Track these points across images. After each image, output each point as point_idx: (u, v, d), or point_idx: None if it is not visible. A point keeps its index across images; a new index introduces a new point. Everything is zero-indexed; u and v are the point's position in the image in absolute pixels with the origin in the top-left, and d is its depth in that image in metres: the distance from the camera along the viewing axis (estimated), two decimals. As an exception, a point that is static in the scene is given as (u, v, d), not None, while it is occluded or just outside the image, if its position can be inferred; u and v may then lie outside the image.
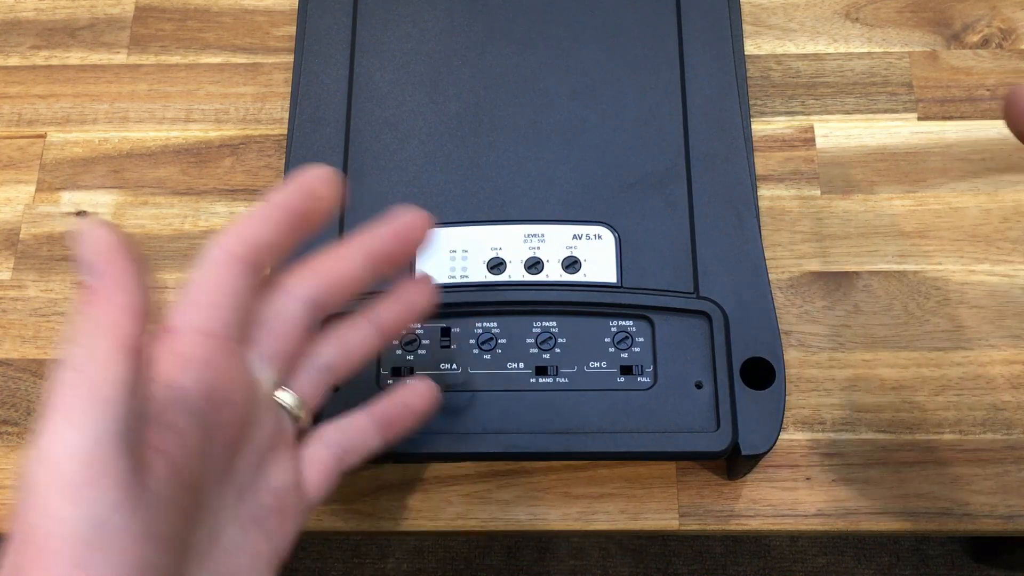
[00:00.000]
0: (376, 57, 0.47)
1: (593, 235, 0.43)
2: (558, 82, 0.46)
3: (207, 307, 0.29)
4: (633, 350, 0.40)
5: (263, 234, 0.30)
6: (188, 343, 0.28)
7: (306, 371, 0.33)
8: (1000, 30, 0.51)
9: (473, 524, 0.43)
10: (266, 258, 0.30)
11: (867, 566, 0.98)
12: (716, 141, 0.44)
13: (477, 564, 0.99)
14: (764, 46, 0.51)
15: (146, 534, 0.24)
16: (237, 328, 0.30)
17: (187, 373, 0.28)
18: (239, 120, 0.51)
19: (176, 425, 0.27)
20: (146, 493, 0.25)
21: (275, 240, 0.30)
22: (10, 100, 0.52)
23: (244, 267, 0.29)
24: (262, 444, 0.31)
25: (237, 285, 0.29)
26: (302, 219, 0.31)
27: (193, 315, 0.29)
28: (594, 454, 0.39)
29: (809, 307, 0.46)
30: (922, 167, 0.48)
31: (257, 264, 0.30)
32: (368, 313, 0.34)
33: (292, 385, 0.32)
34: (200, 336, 0.29)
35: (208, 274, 0.29)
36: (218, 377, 0.29)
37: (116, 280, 0.26)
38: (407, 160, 0.44)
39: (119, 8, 0.53)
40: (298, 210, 0.30)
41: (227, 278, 0.29)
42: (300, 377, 0.33)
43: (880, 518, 0.42)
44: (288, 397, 0.32)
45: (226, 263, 0.29)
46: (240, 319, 0.30)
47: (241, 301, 0.29)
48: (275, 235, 0.30)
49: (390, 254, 0.33)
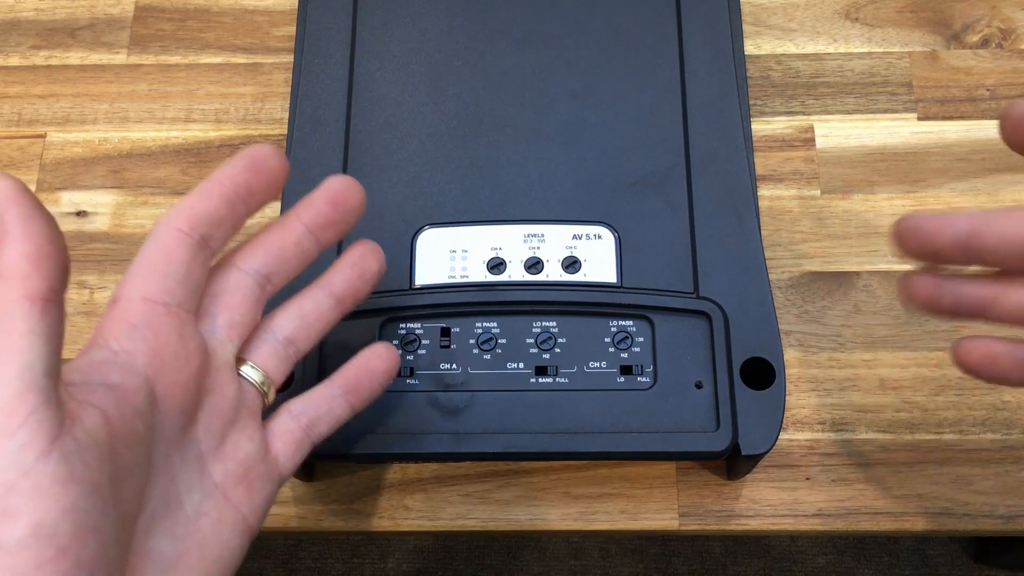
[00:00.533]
0: (376, 57, 0.47)
1: (593, 235, 0.43)
2: (558, 82, 0.46)
3: (151, 276, 0.29)
4: (633, 350, 0.40)
5: (207, 208, 0.30)
6: (134, 310, 0.29)
7: (267, 344, 0.33)
8: (1000, 30, 0.51)
9: (473, 524, 0.43)
10: (212, 232, 0.31)
11: (867, 566, 0.98)
12: (716, 141, 0.44)
13: (477, 564, 0.99)
14: (764, 46, 0.51)
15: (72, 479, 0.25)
16: (185, 298, 0.30)
17: (132, 338, 0.29)
18: (239, 120, 0.51)
19: (118, 385, 0.27)
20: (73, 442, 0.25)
21: (220, 214, 0.31)
22: (10, 100, 0.52)
23: (190, 240, 0.30)
24: (224, 413, 0.31)
25: (184, 256, 0.30)
26: (246, 194, 0.31)
27: (138, 284, 0.29)
28: (594, 454, 0.39)
29: (809, 307, 0.46)
30: (922, 167, 0.48)
31: (203, 237, 0.30)
32: (321, 282, 0.35)
33: (254, 358, 0.33)
34: (145, 303, 0.29)
35: (154, 246, 0.30)
36: (165, 343, 0.29)
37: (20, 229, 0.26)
38: (407, 160, 0.44)
39: (119, 8, 0.54)
40: (241, 185, 0.31)
41: (173, 250, 0.30)
42: (261, 349, 0.33)
43: (880, 518, 0.42)
44: (250, 370, 0.33)
45: (172, 235, 0.30)
46: (188, 290, 0.30)
47: (188, 272, 0.30)
48: (219, 210, 0.31)
49: (328, 221, 0.33)
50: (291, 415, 0.34)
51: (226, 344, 0.32)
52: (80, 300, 0.47)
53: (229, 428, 0.31)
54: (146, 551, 0.28)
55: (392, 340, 0.41)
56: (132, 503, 0.27)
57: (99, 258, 0.48)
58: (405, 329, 0.41)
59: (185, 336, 0.30)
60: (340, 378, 0.35)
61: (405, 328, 0.41)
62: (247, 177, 0.31)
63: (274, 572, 0.99)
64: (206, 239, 0.30)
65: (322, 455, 0.39)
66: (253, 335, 0.33)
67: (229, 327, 0.32)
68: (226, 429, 0.31)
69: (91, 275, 0.47)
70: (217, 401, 0.31)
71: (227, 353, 0.32)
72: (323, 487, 0.44)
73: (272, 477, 0.32)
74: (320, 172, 0.44)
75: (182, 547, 0.29)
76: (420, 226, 0.43)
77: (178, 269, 0.30)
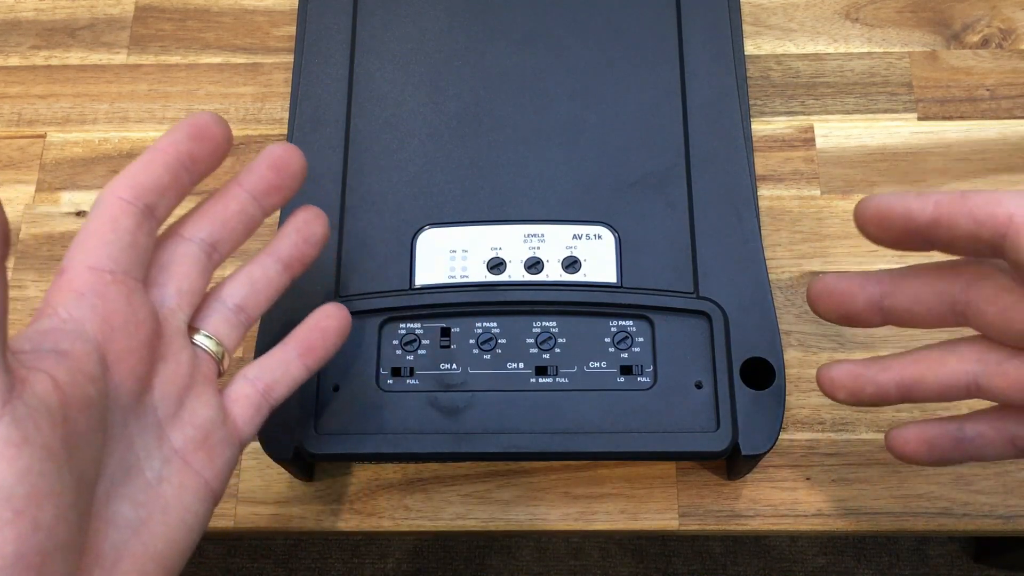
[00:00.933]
0: (376, 57, 0.47)
1: (593, 235, 0.43)
2: (558, 82, 0.46)
3: (96, 245, 0.30)
4: (633, 350, 0.40)
5: (150, 177, 0.31)
6: (81, 279, 0.29)
7: (217, 312, 0.34)
8: (1000, 30, 0.51)
9: (473, 524, 0.43)
10: (156, 200, 0.31)
11: (867, 566, 0.98)
12: (716, 141, 0.44)
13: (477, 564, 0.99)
14: (764, 46, 0.51)
15: (26, 442, 0.25)
16: (132, 266, 0.30)
17: (80, 305, 0.29)
18: (239, 120, 0.51)
19: (68, 352, 0.28)
20: (24, 407, 0.25)
21: (162, 183, 0.31)
22: (10, 100, 0.52)
23: (133, 209, 0.30)
24: (179, 379, 0.31)
25: (128, 225, 0.30)
26: (189, 162, 0.31)
27: (83, 254, 0.30)
28: (594, 454, 0.39)
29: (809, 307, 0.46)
30: (922, 167, 0.48)
31: (148, 207, 0.30)
32: (268, 249, 0.35)
33: (206, 326, 0.33)
34: (92, 272, 0.29)
35: (99, 216, 0.30)
36: (114, 310, 0.29)
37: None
38: (407, 160, 0.44)
39: (119, 8, 0.54)
40: (184, 153, 0.31)
41: (118, 219, 0.30)
42: (212, 318, 0.34)
43: (880, 518, 0.42)
44: (203, 338, 0.33)
45: (116, 204, 0.30)
46: (135, 257, 0.30)
47: (134, 240, 0.30)
48: (163, 178, 0.31)
49: (271, 186, 0.34)
50: (247, 380, 0.34)
51: (176, 312, 0.32)
52: (80, 300, 0.47)
53: (185, 394, 0.32)
54: (108, 516, 0.28)
55: (392, 340, 0.41)
56: (89, 468, 0.28)
57: (99, 258, 0.48)
58: (405, 329, 0.41)
59: (134, 303, 0.30)
60: (294, 340, 0.36)
61: (405, 328, 0.41)
62: (189, 145, 0.31)
63: (274, 572, 1.00)
64: (151, 208, 0.31)
65: (322, 455, 0.39)
66: (204, 304, 0.34)
67: (178, 295, 0.32)
68: (182, 395, 0.31)
69: (91, 275, 0.47)
70: (171, 368, 0.31)
71: (178, 321, 0.32)
72: (323, 487, 0.44)
73: (232, 441, 0.33)
74: (320, 172, 0.44)
75: (144, 512, 0.29)
76: (420, 226, 0.43)
77: (123, 237, 0.30)
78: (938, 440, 0.34)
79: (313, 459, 0.40)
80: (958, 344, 0.33)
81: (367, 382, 0.40)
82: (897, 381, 0.33)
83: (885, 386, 0.33)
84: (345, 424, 0.39)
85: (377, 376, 0.40)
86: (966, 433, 0.33)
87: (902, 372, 0.33)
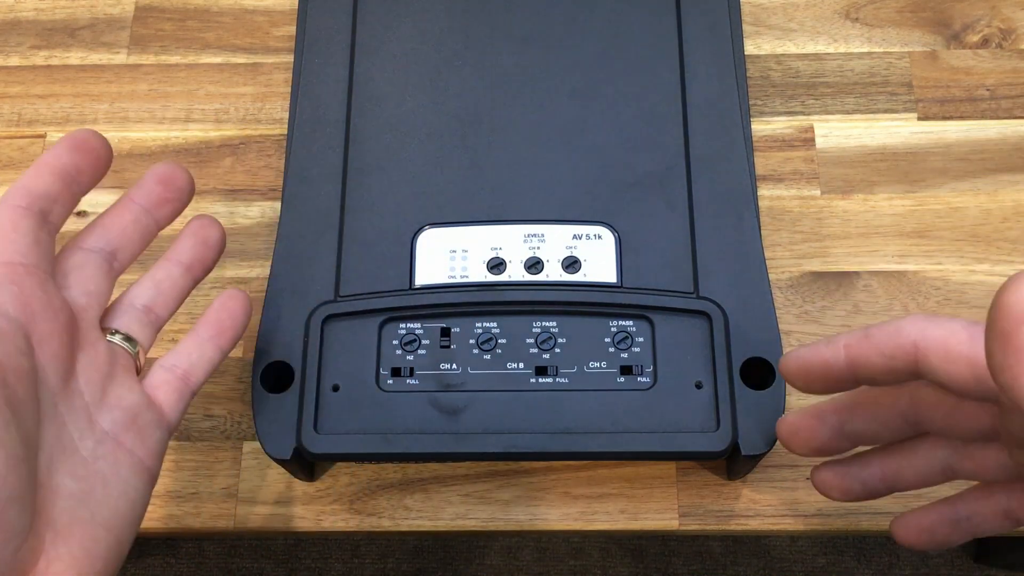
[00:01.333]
0: (376, 57, 0.47)
1: (593, 235, 0.43)
2: (558, 82, 0.46)
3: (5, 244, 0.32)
4: (633, 350, 0.40)
5: (40, 185, 0.33)
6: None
7: (127, 313, 0.36)
8: (1000, 30, 0.51)
9: (473, 524, 0.43)
10: (49, 207, 0.33)
11: (867, 566, 0.98)
12: (716, 141, 0.44)
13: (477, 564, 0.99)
14: (764, 46, 0.51)
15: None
16: (40, 259, 0.32)
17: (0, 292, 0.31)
18: (239, 120, 0.51)
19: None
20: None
21: (54, 191, 0.33)
22: (10, 100, 0.52)
23: (30, 213, 0.32)
24: (100, 367, 0.33)
25: (29, 226, 0.32)
26: (75, 173, 0.34)
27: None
28: (594, 454, 0.39)
29: (809, 307, 0.46)
30: (922, 167, 0.48)
31: (42, 212, 0.33)
32: (169, 255, 0.38)
33: (117, 325, 0.35)
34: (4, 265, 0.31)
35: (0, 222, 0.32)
36: (32, 295, 0.31)
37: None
38: (407, 160, 0.44)
39: (119, 8, 0.54)
40: (69, 165, 0.34)
41: (17, 221, 0.32)
42: (122, 318, 0.36)
43: (880, 518, 0.42)
44: (117, 336, 0.35)
45: (14, 211, 0.32)
46: (41, 253, 0.32)
47: (37, 239, 0.32)
48: (52, 186, 0.33)
49: (161, 199, 0.37)
50: (164, 368, 0.36)
51: (88, 309, 0.34)
52: (80, 300, 0.47)
53: (107, 382, 0.33)
54: (53, 486, 0.30)
55: (392, 340, 0.41)
56: (32, 434, 0.29)
57: (99, 258, 0.48)
58: (405, 329, 0.41)
59: (49, 292, 0.32)
60: (203, 325, 0.37)
61: (405, 328, 0.41)
62: (73, 158, 0.34)
63: (274, 572, 1.00)
64: (45, 213, 0.33)
65: (322, 455, 0.39)
66: (114, 308, 0.36)
67: (87, 296, 0.34)
68: (105, 383, 0.33)
69: (91, 275, 0.47)
70: (91, 357, 0.33)
71: (91, 316, 0.34)
72: (323, 487, 0.44)
73: (161, 424, 0.34)
74: (320, 172, 0.44)
75: (86, 485, 0.31)
76: (420, 226, 0.43)
77: (27, 235, 0.32)
78: (937, 527, 0.35)
79: (313, 459, 0.40)
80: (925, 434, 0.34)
81: (367, 382, 0.40)
82: (880, 476, 0.35)
83: (870, 482, 0.35)
84: (345, 424, 0.39)
85: (377, 376, 0.40)
86: (960, 514, 0.34)
87: (882, 467, 0.35)
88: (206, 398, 0.45)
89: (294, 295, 0.42)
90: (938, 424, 0.32)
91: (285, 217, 0.44)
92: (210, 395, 0.45)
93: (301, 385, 0.40)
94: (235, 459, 0.44)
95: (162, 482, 0.43)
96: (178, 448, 0.44)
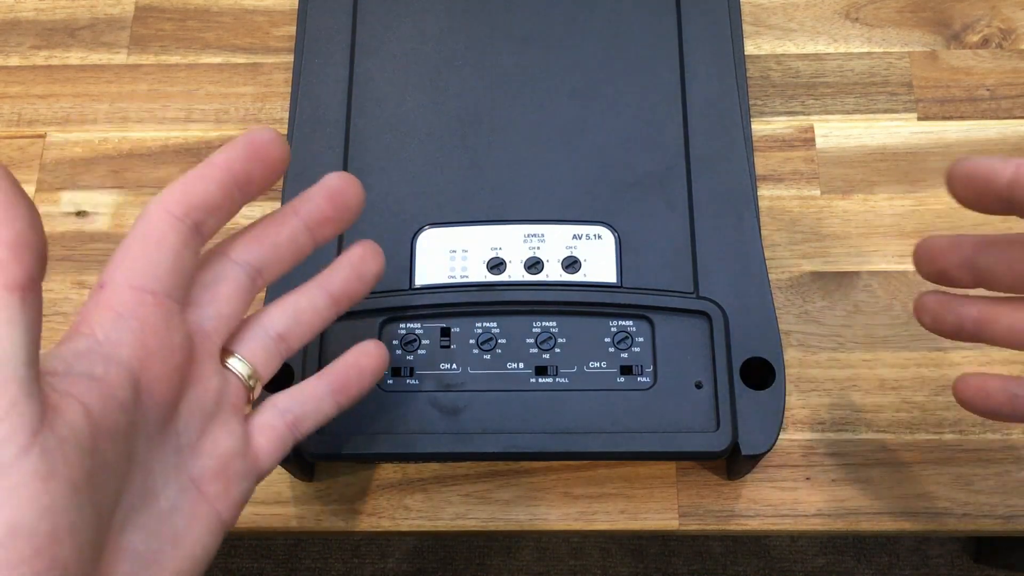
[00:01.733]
0: (376, 57, 0.47)
1: (593, 235, 0.43)
2: (558, 82, 0.46)
3: (143, 263, 0.28)
4: (633, 350, 0.40)
5: (202, 194, 0.29)
6: (121, 298, 0.28)
7: (256, 338, 0.33)
8: (1000, 30, 0.51)
9: (473, 524, 0.43)
10: (205, 218, 0.30)
11: (867, 566, 0.98)
12: (716, 141, 0.44)
13: (477, 564, 0.99)
14: (764, 46, 0.51)
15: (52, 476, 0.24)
16: (174, 287, 0.29)
17: (118, 328, 0.28)
18: (239, 120, 0.51)
19: (102, 377, 0.27)
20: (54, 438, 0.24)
21: (215, 201, 0.29)
22: (10, 100, 0.52)
23: (182, 226, 0.29)
24: (206, 406, 0.30)
25: (175, 243, 0.29)
26: (244, 181, 0.30)
27: (128, 271, 0.28)
28: (594, 454, 0.39)
29: (809, 307, 0.46)
30: (922, 167, 0.48)
31: (196, 224, 0.29)
32: (319, 280, 0.34)
33: (242, 351, 0.32)
34: (134, 291, 0.28)
35: (145, 230, 0.29)
36: (152, 334, 0.28)
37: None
38: (407, 160, 0.44)
39: (119, 8, 0.54)
40: (240, 172, 0.30)
41: (165, 235, 0.29)
42: (250, 344, 0.32)
43: (880, 518, 0.42)
44: (237, 363, 0.32)
45: (164, 220, 0.29)
46: (178, 278, 0.29)
47: (179, 260, 0.29)
48: (215, 196, 0.29)
49: (325, 217, 0.33)
50: (277, 410, 0.33)
51: (212, 336, 0.31)
52: (80, 300, 0.47)
53: (209, 422, 0.31)
54: (121, 547, 0.27)
55: (392, 340, 0.41)
56: (110, 499, 0.27)
57: (99, 258, 0.48)
58: (405, 329, 0.41)
59: (172, 327, 0.29)
60: (329, 375, 0.34)
61: (405, 328, 0.41)
62: (246, 165, 0.30)
63: (274, 572, 1.00)
64: (198, 226, 0.29)
65: (322, 455, 0.39)
66: (244, 329, 0.33)
67: (217, 318, 0.31)
68: (206, 423, 0.31)
69: (91, 275, 0.47)
70: (199, 394, 0.30)
71: (212, 345, 0.31)
72: (323, 487, 0.44)
73: (250, 474, 0.32)
74: (320, 172, 0.44)
75: (156, 544, 0.28)
76: (420, 226, 0.43)
77: (168, 256, 0.29)
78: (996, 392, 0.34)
79: (313, 459, 0.40)
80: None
81: (367, 382, 0.40)
82: (975, 316, 0.33)
83: (965, 319, 0.34)
84: (345, 424, 0.39)
85: (377, 376, 0.40)
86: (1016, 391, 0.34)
87: (981, 309, 0.33)
88: (206, 398, 0.45)
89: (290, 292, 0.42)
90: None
91: (285, 217, 0.43)
92: (210, 395, 0.45)
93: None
94: (235, 459, 0.44)
95: (162, 482, 0.43)
96: (178, 448, 0.44)
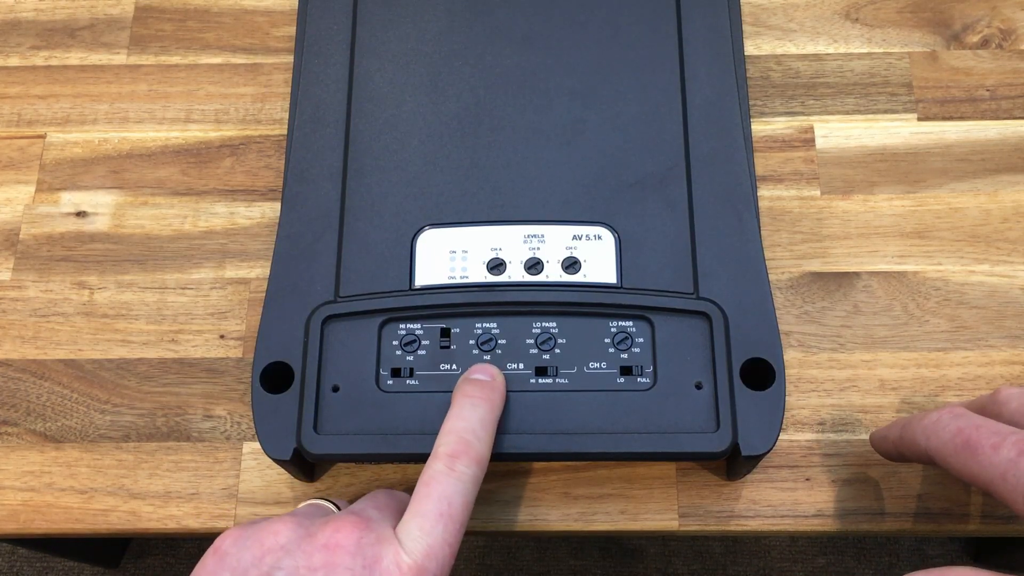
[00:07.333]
0: (376, 57, 0.47)
1: (593, 235, 0.43)
2: (558, 82, 0.46)
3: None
4: (633, 351, 0.40)
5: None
6: None
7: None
8: (1000, 30, 0.51)
9: (473, 524, 0.43)
10: None
11: (867, 566, 0.98)
12: (716, 141, 0.44)
13: (477, 564, 0.99)
14: (764, 46, 0.51)
15: None
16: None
17: None
18: (239, 120, 0.51)
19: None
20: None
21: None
22: (10, 100, 0.52)
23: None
24: None
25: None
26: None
27: None
28: (594, 454, 0.39)
29: (809, 307, 0.46)
30: (922, 167, 0.48)
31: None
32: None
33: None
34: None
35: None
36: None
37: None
38: (407, 160, 0.44)
39: (119, 8, 0.54)
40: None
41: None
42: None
43: (880, 518, 0.42)
44: None
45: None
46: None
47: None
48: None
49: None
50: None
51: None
52: (80, 300, 0.47)
53: None
54: None
55: (392, 341, 0.41)
56: None
57: (99, 258, 0.48)
58: (405, 329, 0.41)
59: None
60: None
61: (405, 328, 0.41)
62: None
63: (274, 572, 0.99)
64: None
65: (322, 455, 0.39)
66: None
67: None
68: None
69: (91, 275, 0.47)
70: None
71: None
72: (323, 487, 0.44)
73: None
74: (320, 172, 0.44)
75: None
76: (420, 226, 0.43)
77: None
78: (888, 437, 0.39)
79: (313, 459, 0.40)
80: None
81: (367, 382, 0.40)
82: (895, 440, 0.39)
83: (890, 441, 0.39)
84: (345, 424, 0.39)
85: (377, 376, 0.40)
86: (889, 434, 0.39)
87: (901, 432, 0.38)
88: (206, 399, 0.45)
89: (294, 295, 0.42)
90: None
91: (285, 217, 0.44)
92: (210, 395, 0.45)
93: (301, 386, 0.40)
94: (235, 460, 0.44)
95: (162, 482, 0.43)
96: (178, 448, 0.44)
